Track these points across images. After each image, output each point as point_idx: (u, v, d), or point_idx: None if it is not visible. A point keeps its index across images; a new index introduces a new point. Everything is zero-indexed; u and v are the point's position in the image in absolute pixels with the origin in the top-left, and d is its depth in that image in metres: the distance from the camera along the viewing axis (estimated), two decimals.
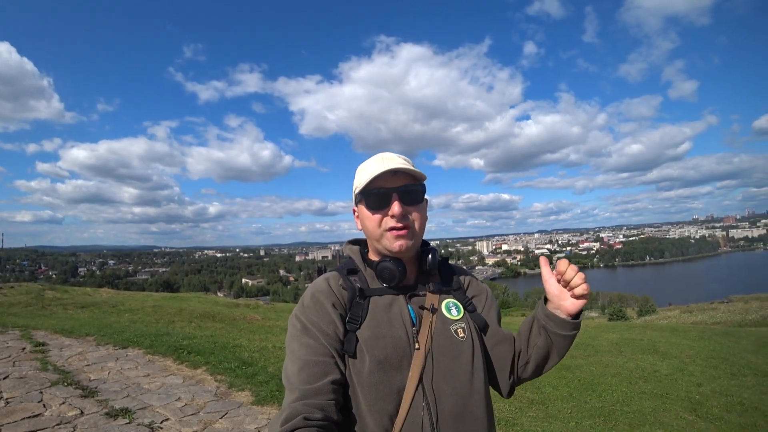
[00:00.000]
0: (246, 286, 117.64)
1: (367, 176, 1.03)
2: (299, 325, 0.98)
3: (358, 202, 1.09)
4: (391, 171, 1.02)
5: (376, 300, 1.03)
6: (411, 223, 1.03)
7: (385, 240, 1.03)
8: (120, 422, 3.43)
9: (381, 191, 1.02)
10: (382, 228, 1.03)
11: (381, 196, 1.02)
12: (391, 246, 1.02)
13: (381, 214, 1.03)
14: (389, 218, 1.02)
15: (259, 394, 4.27)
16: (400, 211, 1.01)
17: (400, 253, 1.03)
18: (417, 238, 1.06)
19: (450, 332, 1.02)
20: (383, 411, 0.92)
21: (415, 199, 1.05)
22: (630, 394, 5.15)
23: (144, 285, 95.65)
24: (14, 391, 4.06)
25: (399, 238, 1.02)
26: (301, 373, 0.90)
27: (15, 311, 10.54)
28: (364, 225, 1.08)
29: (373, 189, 1.03)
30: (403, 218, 1.02)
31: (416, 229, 1.05)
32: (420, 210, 1.06)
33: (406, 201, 1.03)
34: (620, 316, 25.20)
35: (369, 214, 1.04)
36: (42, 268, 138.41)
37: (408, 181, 1.04)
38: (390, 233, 1.02)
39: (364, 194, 1.05)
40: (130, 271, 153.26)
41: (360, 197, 1.07)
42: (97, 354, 5.78)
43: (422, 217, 1.07)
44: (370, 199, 1.04)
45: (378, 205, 1.03)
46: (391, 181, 1.03)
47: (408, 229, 1.03)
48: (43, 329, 7.53)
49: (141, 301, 13.43)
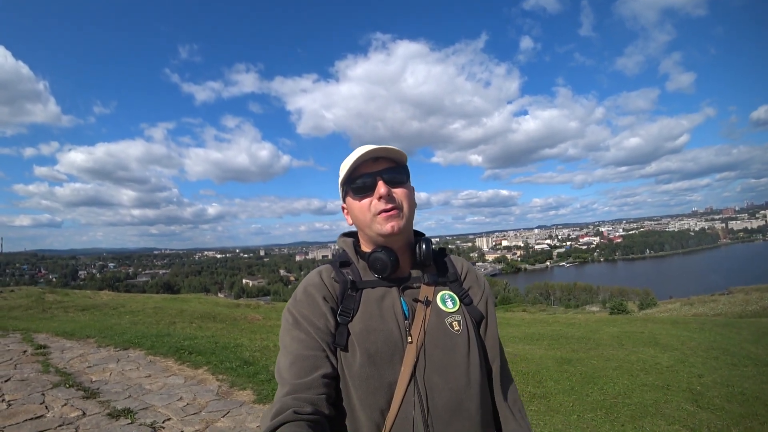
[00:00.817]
0: (246, 287, 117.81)
1: (349, 165, 1.03)
2: (291, 318, 0.98)
3: (345, 195, 1.09)
4: (372, 157, 1.03)
5: (369, 293, 1.02)
6: (399, 204, 1.02)
7: (376, 224, 1.02)
8: (122, 422, 3.44)
9: (365, 177, 1.03)
10: (372, 212, 1.02)
11: (365, 181, 1.03)
12: (383, 228, 1.00)
13: (368, 199, 1.02)
14: (377, 201, 1.01)
15: (260, 393, 4.27)
16: (386, 191, 1.00)
17: (393, 235, 1.01)
18: (408, 220, 1.05)
19: (445, 325, 1.00)
20: (374, 405, 0.90)
21: (399, 180, 1.05)
22: (631, 387, 5.16)
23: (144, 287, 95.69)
24: (16, 393, 4.06)
25: (390, 219, 1.00)
26: (292, 368, 0.90)
27: (16, 315, 10.55)
28: (354, 215, 1.07)
29: (357, 176, 1.04)
30: (390, 199, 1.01)
31: (405, 209, 1.04)
32: (407, 191, 1.05)
33: (391, 183, 1.02)
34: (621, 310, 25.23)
35: (356, 202, 1.04)
36: (42, 272, 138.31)
37: (390, 165, 1.05)
38: (380, 216, 1.01)
39: (349, 183, 1.05)
40: (130, 273, 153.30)
41: (346, 188, 1.07)
42: (99, 356, 5.79)
43: (409, 198, 1.06)
44: (355, 188, 1.04)
45: (364, 190, 1.03)
46: (373, 166, 1.03)
47: (397, 210, 1.02)
48: (44, 332, 7.54)
49: (142, 303, 13.44)
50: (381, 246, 1.03)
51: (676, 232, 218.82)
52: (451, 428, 0.92)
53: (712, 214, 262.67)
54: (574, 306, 51.35)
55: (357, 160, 1.02)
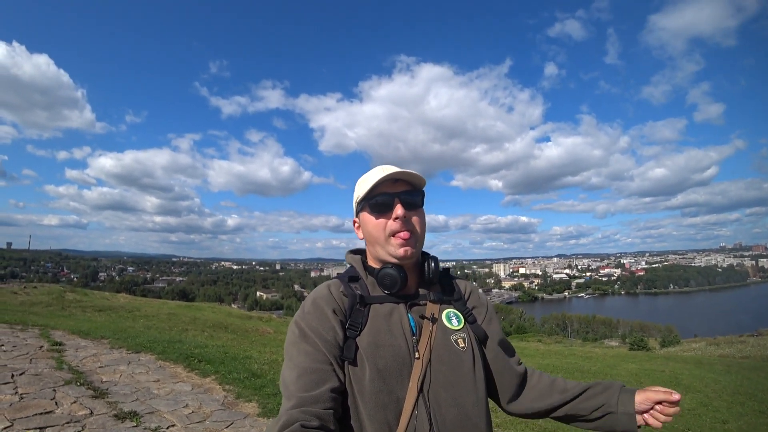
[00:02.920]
0: (260, 299, 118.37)
1: (370, 184, 1.05)
2: (298, 330, 0.99)
3: (359, 210, 1.12)
4: (392, 179, 1.06)
5: (377, 308, 1.03)
6: (413, 228, 1.05)
7: (389, 246, 1.04)
8: (127, 425, 3.45)
9: (384, 196, 1.05)
10: (386, 233, 1.04)
11: (384, 201, 1.05)
12: (396, 252, 1.03)
13: (384, 219, 1.05)
14: (392, 222, 1.04)
15: (266, 407, 4.24)
16: (403, 214, 1.03)
17: (405, 258, 1.04)
18: (419, 244, 1.08)
19: (450, 342, 1.03)
20: (383, 420, 0.91)
21: (416, 204, 1.08)
22: (649, 428, 4.92)
23: (161, 293, 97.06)
24: (29, 387, 4.14)
25: (404, 243, 1.03)
26: (299, 381, 0.90)
27: (36, 310, 10.85)
28: (367, 231, 1.09)
29: (376, 195, 1.06)
30: (407, 222, 1.04)
31: (418, 234, 1.07)
32: (420, 216, 1.09)
33: (408, 206, 1.05)
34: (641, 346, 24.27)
35: (372, 219, 1.07)
36: (65, 271, 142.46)
37: (409, 188, 1.07)
38: (394, 239, 1.04)
39: (367, 200, 1.07)
40: (148, 278, 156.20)
41: (363, 204, 1.09)
42: (111, 357, 5.87)
43: (423, 223, 1.09)
44: (373, 206, 1.06)
45: (381, 209, 1.05)
46: (392, 187, 1.06)
47: (411, 234, 1.04)
48: (61, 329, 7.72)
49: (157, 308, 13.67)
50: (391, 263, 1.06)
51: (703, 268, 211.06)
52: None
53: (742, 250, 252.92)
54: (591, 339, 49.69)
55: (380, 179, 1.04)
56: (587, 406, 1.06)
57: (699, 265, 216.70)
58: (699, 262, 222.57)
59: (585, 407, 1.07)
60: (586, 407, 1.06)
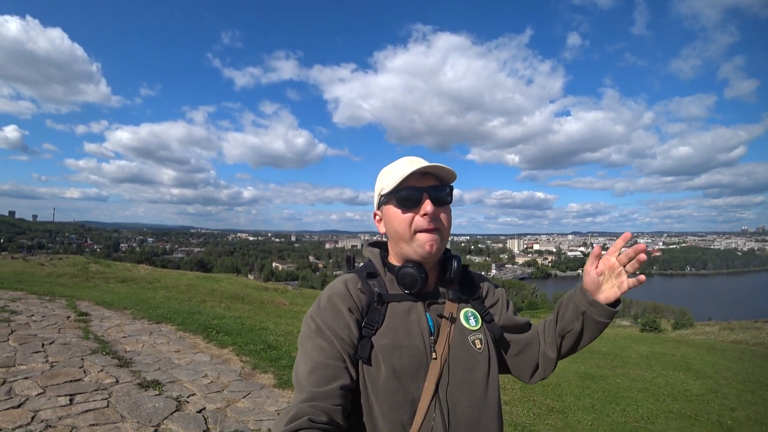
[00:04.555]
0: (276, 270, 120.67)
1: (398, 176, 1.00)
2: (314, 325, 0.97)
3: (383, 203, 1.07)
4: (420, 172, 1.00)
5: (395, 306, 1.01)
6: (441, 225, 1.02)
7: (416, 242, 1.00)
8: (150, 393, 3.65)
9: (412, 190, 1.00)
10: (413, 229, 1.00)
11: (411, 195, 1.00)
12: (423, 249, 1.00)
13: (412, 214, 1.00)
14: (420, 218, 0.99)
15: (281, 378, 4.40)
16: (432, 210, 0.99)
17: (431, 255, 1.01)
18: (445, 242, 1.04)
19: (468, 343, 1.02)
20: (397, 420, 0.91)
21: (444, 200, 1.03)
22: (656, 412, 4.97)
23: (179, 263, 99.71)
24: (59, 356, 4.38)
25: (431, 240, 1.00)
26: (311, 375, 0.89)
27: (62, 281, 11.31)
28: (392, 226, 1.04)
29: (403, 189, 1.01)
30: (435, 219, 1.00)
31: (445, 231, 1.03)
32: (448, 212, 1.05)
33: (436, 202, 1.01)
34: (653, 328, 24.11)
35: (399, 214, 1.02)
36: (88, 242, 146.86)
37: (437, 183, 1.03)
38: (422, 235, 1.00)
39: (394, 194, 1.02)
40: (167, 249, 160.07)
41: (388, 197, 1.04)
42: (133, 327, 6.13)
43: (450, 220, 1.05)
44: (400, 199, 1.01)
45: (409, 204, 1.01)
46: (420, 181, 1.01)
47: (438, 231, 1.01)
48: (87, 300, 8.07)
49: (176, 279, 14.08)
50: (412, 261, 1.03)
51: (722, 251, 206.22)
52: None
53: (765, 234, 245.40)
54: None
55: (410, 173, 0.99)
56: (567, 323, 1.08)
57: (718, 248, 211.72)
58: (719, 244, 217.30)
59: (567, 326, 1.08)
60: (567, 325, 1.07)
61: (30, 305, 6.96)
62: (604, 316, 1.02)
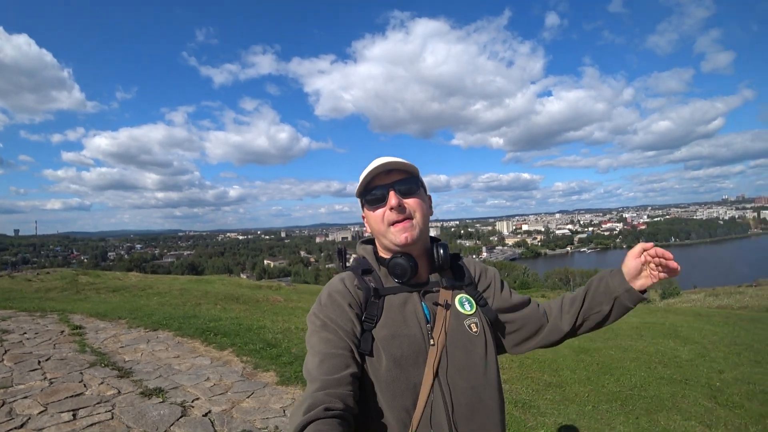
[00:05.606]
0: (268, 268, 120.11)
1: (363, 179, 1.10)
2: (318, 322, 1.03)
3: (362, 206, 1.17)
4: (385, 170, 1.09)
5: (391, 299, 1.07)
6: (411, 214, 1.09)
7: (390, 235, 1.08)
8: (154, 401, 3.66)
9: (378, 189, 1.10)
10: (386, 222, 1.08)
11: (379, 193, 1.10)
12: (397, 239, 1.07)
13: (381, 210, 1.09)
14: (389, 211, 1.07)
15: (283, 375, 4.45)
16: (397, 201, 1.06)
17: (407, 245, 1.07)
18: (422, 230, 1.11)
19: (464, 327, 1.07)
20: (401, 406, 0.96)
21: (411, 191, 1.11)
22: (648, 379, 5.15)
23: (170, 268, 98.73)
24: (57, 372, 4.35)
25: (403, 230, 1.07)
26: (322, 366, 0.93)
27: (52, 296, 11.12)
28: (371, 225, 1.14)
29: (371, 189, 1.11)
30: (402, 209, 1.07)
31: (418, 219, 1.10)
32: (418, 200, 1.11)
33: (402, 193, 1.09)
34: None
35: (371, 213, 1.12)
36: (74, 254, 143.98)
37: (402, 176, 1.10)
38: (394, 227, 1.08)
39: (364, 195, 1.13)
40: (156, 254, 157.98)
41: (362, 200, 1.15)
42: (130, 336, 6.10)
43: (422, 207, 1.11)
44: (370, 200, 1.11)
45: (377, 202, 1.10)
46: (386, 178, 1.10)
47: (410, 220, 1.08)
48: (79, 313, 7.96)
49: (168, 285, 13.94)
50: (400, 252, 1.09)
51: (704, 221, 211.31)
52: (473, 423, 1.00)
53: (744, 202, 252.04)
54: None
55: (370, 173, 1.08)
56: (595, 304, 1.14)
57: (701, 217, 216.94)
58: (701, 215, 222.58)
59: (595, 307, 1.14)
60: (595, 306, 1.14)
61: (21, 323, 6.85)
62: (633, 302, 1.10)
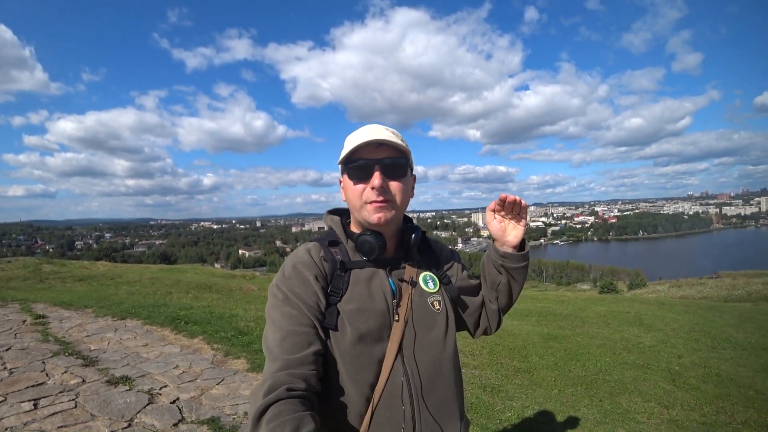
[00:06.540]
0: (243, 257, 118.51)
1: (350, 146, 1.01)
2: (281, 295, 0.99)
3: (342, 172, 1.08)
4: (376, 143, 1.01)
5: (357, 273, 1.05)
6: (392, 197, 1.03)
7: (364, 212, 1.03)
8: (120, 389, 3.56)
9: (363, 162, 1.02)
10: (363, 200, 1.03)
11: (363, 167, 1.02)
12: (371, 218, 1.02)
13: (363, 185, 1.02)
14: (370, 190, 1.01)
15: (254, 362, 4.41)
16: (380, 183, 1.00)
17: (379, 226, 1.03)
18: (398, 212, 1.06)
19: (427, 304, 1.08)
20: (364, 380, 0.95)
21: (398, 173, 1.04)
22: (612, 364, 5.36)
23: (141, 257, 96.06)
24: (17, 362, 4.17)
25: (378, 210, 1.01)
26: (284, 343, 0.90)
27: (14, 285, 10.63)
28: (347, 196, 1.08)
29: (356, 160, 1.02)
30: (384, 191, 1.01)
31: (397, 202, 1.04)
32: (403, 183, 1.05)
33: (389, 174, 1.02)
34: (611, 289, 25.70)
35: (351, 185, 1.04)
36: (38, 243, 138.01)
37: (392, 154, 1.03)
38: (370, 206, 1.02)
39: (346, 165, 1.05)
40: (126, 243, 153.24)
41: (344, 167, 1.06)
42: (97, 325, 5.91)
43: (404, 191, 1.06)
44: (352, 171, 1.03)
45: (360, 176, 1.02)
46: (374, 152, 1.02)
47: (388, 203, 1.02)
48: (42, 302, 7.64)
49: (139, 274, 13.54)
50: (370, 230, 1.06)
51: (671, 215, 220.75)
52: (433, 397, 1.01)
53: (708, 198, 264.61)
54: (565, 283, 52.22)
55: (361, 143, 1.00)
56: (493, 278, 1.19)
57: (667, 212, 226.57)
58: (668, 209, 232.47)
59: (494, 280, 1.19)
60: (494, 279, 1.19)
61: None
62: (519, 261, 1.15)
